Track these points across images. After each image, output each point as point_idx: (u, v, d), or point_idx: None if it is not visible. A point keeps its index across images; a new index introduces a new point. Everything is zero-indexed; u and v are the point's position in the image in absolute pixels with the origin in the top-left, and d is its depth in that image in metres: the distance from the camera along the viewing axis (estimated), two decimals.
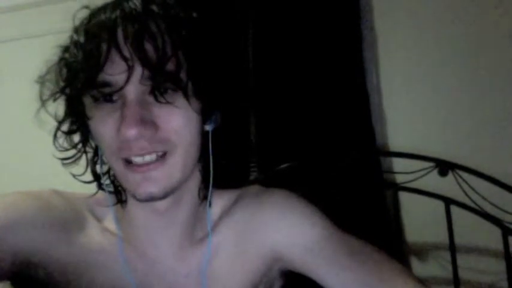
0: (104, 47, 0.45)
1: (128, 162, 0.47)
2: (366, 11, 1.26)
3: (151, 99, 0.47)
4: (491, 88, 1.17)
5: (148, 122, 0.45)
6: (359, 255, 0.56)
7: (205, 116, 0.51)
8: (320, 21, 1.22)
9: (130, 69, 0.44)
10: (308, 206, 0.61)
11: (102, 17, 0.47)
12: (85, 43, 0.46)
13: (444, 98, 1.21)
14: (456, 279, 1.07)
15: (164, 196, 0.48)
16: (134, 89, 0.46)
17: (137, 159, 0.47)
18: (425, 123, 1.23)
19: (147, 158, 0.47)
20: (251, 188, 0.64)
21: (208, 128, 0.53)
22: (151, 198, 0.48)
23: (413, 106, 1.24)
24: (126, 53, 0.45)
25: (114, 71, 0.45)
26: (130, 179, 0.48)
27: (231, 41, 1.22)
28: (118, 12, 0.46)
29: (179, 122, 0.48)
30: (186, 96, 0.47)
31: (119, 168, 0.48)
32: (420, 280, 0.55)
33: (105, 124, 0.47)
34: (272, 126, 1.23)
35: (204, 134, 0.53)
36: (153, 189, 0.47)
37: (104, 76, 0.45)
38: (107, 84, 0.46)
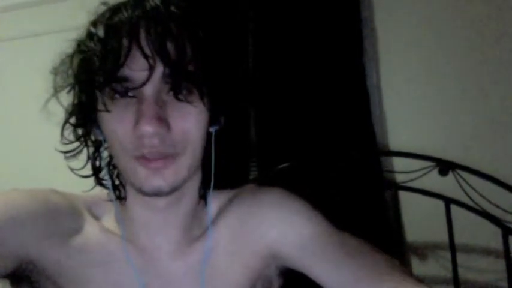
0: (126, 43, 0.46)
1: (139, 157, 0.48)
2: (366, 11, 1.26)
3: (167, 98, 0.48)
4: (492, 88, 1.17)
5: (163, 120, 0.46)
6: (354, 253, 0.56)
7: (213, 117, 0.53)
8: (320, 20, 1.22)
9: (151, 68, 0.45)
10: (303, 204, 0.62)
11: (124, 14, 0.47)
12: (106, 37, 0.47)
13: (444, 98, 1.21)
14: (456, 278, 1.07)
15: (170, 191, 0.49)
16: (153, 87, 0.47)
17: (149, 154, 0.48)
18: (425, 122, 1.23)
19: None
20: (246, 187, 0.65)
21: (211, 129, 0.55)
22: (158, 192, 0.48)
23: (414, 105, 1.24)
24: (148, 51, 0.45)
25: (135, 67, 0.46)
26: (139, 173, 0.48)
27: (236, 41, 1.23)
28: (140, 11, 0.47)
29: (191, 123, 0.49)
30: (202, 96, 0.48)
31: (128, 163, 0.49)
32: (418, 278, 0.56)
33: (120, 119, 0.48)
34: (272, 126, 1.23)
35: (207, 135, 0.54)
36: (162, 183, 0.48)
37: (124, 71, 0.46)
38: (126, 79, 0.47)
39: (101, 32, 0.47)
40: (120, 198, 0.56)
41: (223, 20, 0.52)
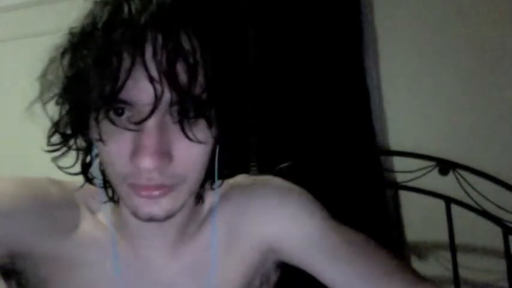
0: (128, 60, 0.38)
1: (134, 185, 0.44)
2: (366, 10, 1.26)
3: (169, 122, 0.41)
4: (492, 87, 1.17)
5: (165, 154, 0.40)
6: (358, 248, 0.54)
7: (219, 139, 0.47)
8: (321, 20, 1.22)
9: (158, 97, 0.38)
10: (305, 195, 0.58)
11: (126, 15, 0.39)
12: (104, 49, 0.39)
13: (445, 97, 1.21)
14: (456, 278, 1.07)
15: (166, 219, 0.45)
16: (157, 116, 0.40)
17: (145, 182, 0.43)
18: (425, 122, 1.23)
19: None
20: (242, 179, 0.60)
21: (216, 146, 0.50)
22: (153, 219, 0.44)
23: (414, 105, 1.24)
24: (154, 73, 0.38)
25: (136, 93, 0.39)
26: (133, 199, 0.44)
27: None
28: (146, 16, 0.38)
29: (195, 153, 0.43)
30: (210, 124, 0.42)
31: (122, 187, 0.44)
32: (419, 274, 0.55)
33: (116, 145, 0.42)
34: (272, 126, 1.23)
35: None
36: (157, 212, 0.44)
37: (122, 94, 0.39)
38: (124, 102, 0.40)
39: (98, 39, 0.39)
40: (113, 200, 0.51)
41: (231, 28, 0.44)
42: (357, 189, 1.16)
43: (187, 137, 0.41)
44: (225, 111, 0.44)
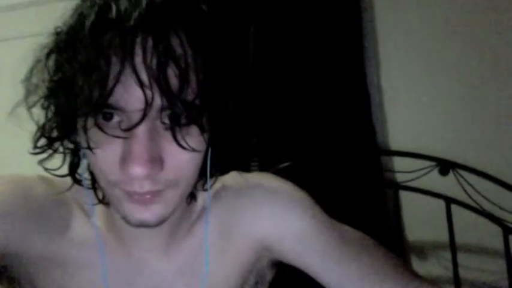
0: (116, 64, 0.36)
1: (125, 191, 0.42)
2: (367, 10, 1.26)
3: (160, 127, 0.40)
4: (492, 87, 1.17)
5: (156, 160, 0.39)
6: (355, 246, 0.54)
7: (212, 142, 0.45)
8: (321, 20, 1.22)
9: (149, 103, 0.36)
10: (299, 193, 0.57)
11: (113, 14, 0.37)
12: (91, 50, 0.37)
13: (445, 97, 1.21)
14: (457, 278, 1.07)
15: (157, 224, 0.44)
16: (147, 122, 0.38)
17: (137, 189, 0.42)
18: (426, 122, 1.23)
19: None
20: (234, 176, 0.58)
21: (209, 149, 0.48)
22: (144, 225, 0.43)
23: (414, 105, 1.24)
24: (144, 78, 0.36)
25: (127, 97, 0.37)
26: (124, 205, 0.43)
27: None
28: (136, 15, 0.36)
29: (187, 157, 0.42)
30: (202, 130, 0.40)
31: (113, 194, 0.43)
32: (418, 274, 0.55)
33: (105, 152, 0.40)
34: (272, 125, 1.23)
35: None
36: (148, 218, 0.43)
37: (111, 100, 0.37)
38: (112, 107, 0.38)
39: (85, 41, 0.37)
40: (104, 202, 0.49)
41: (225, 30, 0.41)
42: (357, 189, 1.16)
43: (179, 145, 0.39)
44: (219, 116, 0.42)
